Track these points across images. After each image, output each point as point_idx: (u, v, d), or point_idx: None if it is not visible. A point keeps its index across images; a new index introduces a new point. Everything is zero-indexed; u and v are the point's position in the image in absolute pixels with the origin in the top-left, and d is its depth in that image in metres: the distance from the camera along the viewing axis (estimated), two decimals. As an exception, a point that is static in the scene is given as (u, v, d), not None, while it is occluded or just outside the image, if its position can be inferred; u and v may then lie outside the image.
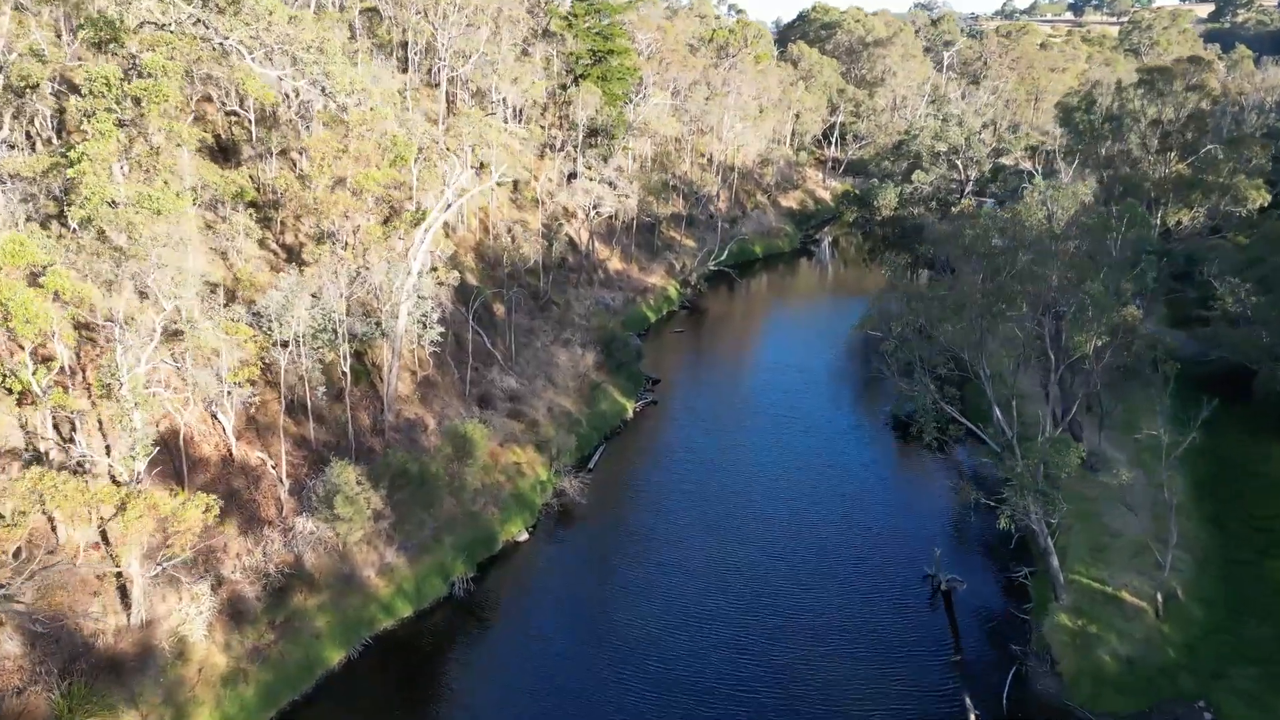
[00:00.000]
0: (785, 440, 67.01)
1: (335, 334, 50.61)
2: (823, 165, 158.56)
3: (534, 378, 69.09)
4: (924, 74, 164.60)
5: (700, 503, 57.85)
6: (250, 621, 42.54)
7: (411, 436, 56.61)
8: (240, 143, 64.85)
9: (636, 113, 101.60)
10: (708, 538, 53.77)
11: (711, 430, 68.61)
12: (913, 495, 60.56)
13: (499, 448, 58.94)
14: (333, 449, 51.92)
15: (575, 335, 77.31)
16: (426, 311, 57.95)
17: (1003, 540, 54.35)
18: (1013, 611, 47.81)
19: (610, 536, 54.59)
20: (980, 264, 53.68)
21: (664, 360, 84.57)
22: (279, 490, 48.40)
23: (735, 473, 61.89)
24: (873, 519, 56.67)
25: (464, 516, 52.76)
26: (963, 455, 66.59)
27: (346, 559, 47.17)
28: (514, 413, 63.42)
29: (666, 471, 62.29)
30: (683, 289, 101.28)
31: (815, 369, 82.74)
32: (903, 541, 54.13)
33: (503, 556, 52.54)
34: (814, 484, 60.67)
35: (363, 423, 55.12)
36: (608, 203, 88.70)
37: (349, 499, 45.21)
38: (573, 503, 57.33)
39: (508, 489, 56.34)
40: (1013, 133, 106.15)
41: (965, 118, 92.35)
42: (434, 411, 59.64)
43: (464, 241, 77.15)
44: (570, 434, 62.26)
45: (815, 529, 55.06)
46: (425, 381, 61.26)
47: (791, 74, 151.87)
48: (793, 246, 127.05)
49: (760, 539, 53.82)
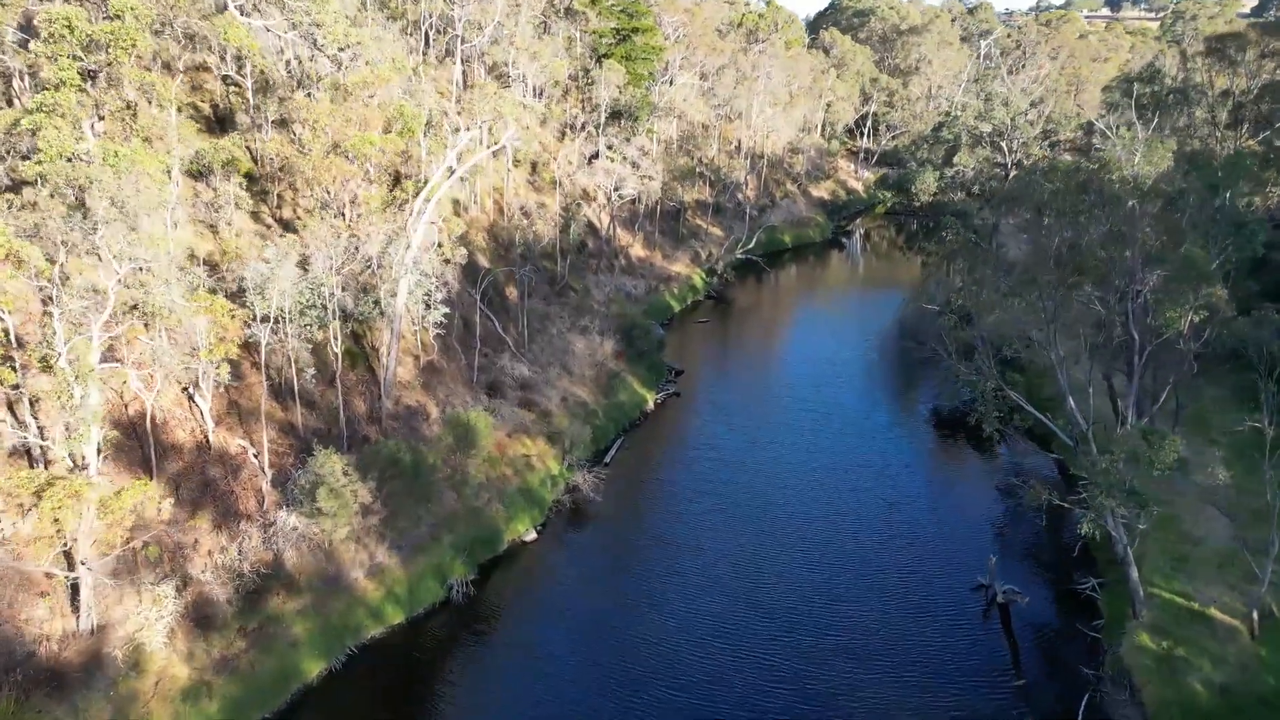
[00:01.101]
0: (817, 438, 61.17)
1: (325, 310, 45.55)
2: (854, 156, 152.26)
3: (548, 365, 63.80)
4: (960, 63, 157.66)
5: (725, 505, 52.17)
6: (219, 628, 37.51)
7: (412, 425, 51.48)
8: (237, 111, 60.09)
9: (662, 93, 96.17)
10: (733, 544, 48.09)
11: (737, 426, 62.92)
12: (960, 498, 54.46)
13: (507, 438, 53.69)
14: (323, 437, 46.87)
15: (594, 322, 71.95)
16: (430, 290, 52.85)
17: (1063, 547, 48.35)
18: (1080, 629, 41.74)
19: (626, 540, 49.12)
20: (1053, 227, 46.94)
21: (688, 351, 79.00)
22: (260, 481, 43.40)
23: (763, 472, 56.14)
24: (917, 524, 50.73)
25: (465, 513, 47.54)
26: (1005, 454, 60.43)
27: (332, 558, 42.09)
28: (525, 402, 58.16)
29: (688, 470, 56.67)
30: (709, 278, 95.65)
31: (848, 362, 76.80)
32: (951, 549, 48.21)
33: (508, 558, 47.24)
34: (850, 486, 54.77)
35: (358, 409, 50.05)
36: (630, 185, 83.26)
37: (333, 491, 40.11)
38: (586, 500, 51.96)
39: (515, 483, 51.06)
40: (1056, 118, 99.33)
41: (1011, 97, 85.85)
42: (437, 399, 54.48)
43: (476, 222, 72.01)
44: (585, 426, 56.91)
45: (853, 535, 49.19)
46: (429, 367, 56.12)
47: (823, 62, 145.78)
48: (824, 237, 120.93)
49: (791, 546, 48.04)
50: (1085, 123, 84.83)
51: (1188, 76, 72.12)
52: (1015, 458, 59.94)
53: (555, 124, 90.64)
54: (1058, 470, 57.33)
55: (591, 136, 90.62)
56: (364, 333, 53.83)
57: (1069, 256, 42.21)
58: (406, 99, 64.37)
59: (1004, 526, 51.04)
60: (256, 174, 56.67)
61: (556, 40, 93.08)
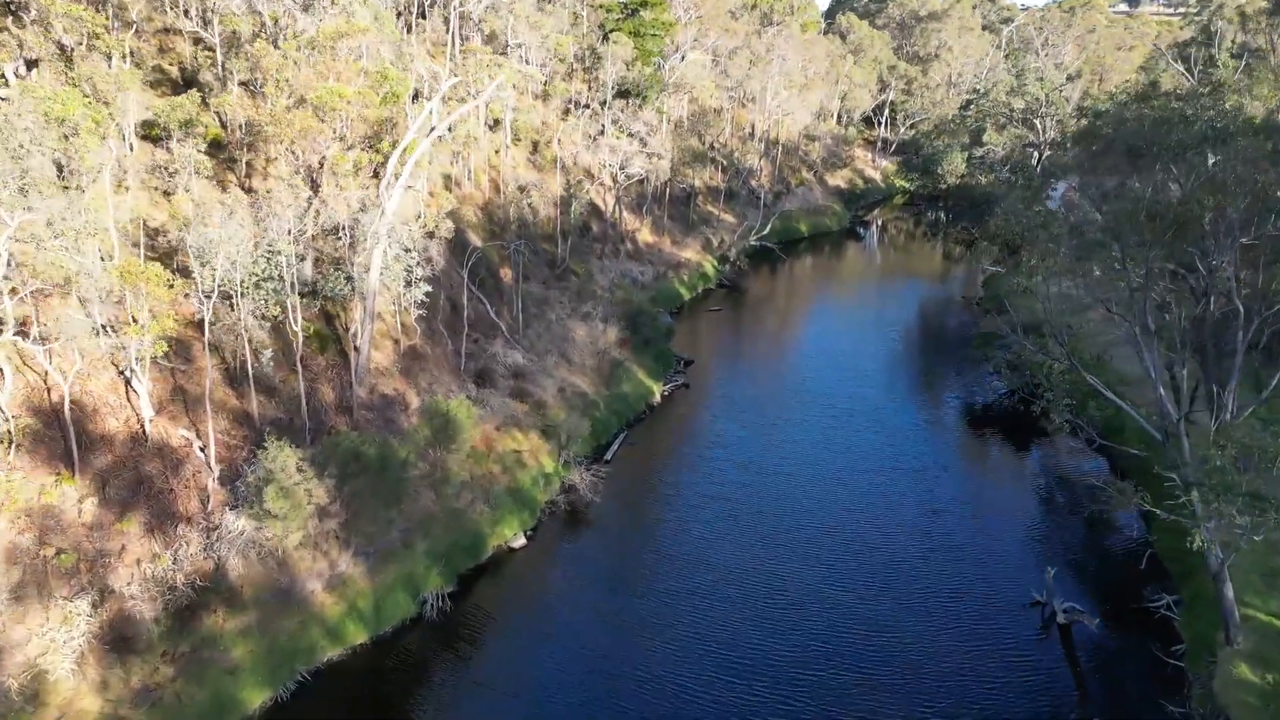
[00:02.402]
0: (840, 436, 54.49)
1: (285, 283, 39.41)
2: (871, 146, 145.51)
3: (545, 353, 57.53)
4: (982, 50, 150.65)
5: (737, 512, 45.61)
6: (141, 651, 31.37)
7: (387, 416, 45.31)
8: (204, 70, 54.07)
9: (673, 70, 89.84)
10: (747, 558, 41.52)
11: (751, 422, 56.32)
12: (1004, 502, 47.70)
13: (495, 431, 47.45)
14: (284, 428, 40.72)
15: (596, 308, 65.66)
16: (410, 266, 46.70)
17: (1127, 557, 41.76)
18: (1157, 654, 35.14)
19: (626, 549, 42.69)
20: (1147, 172, 39.84)
21: (698, 340, 72.63)
22: (206, 478, 37.25)
23: (780, 475, 49.48)
24: (958, 533, 44.06)
25: (444, 515, 41.33)
26: (1043, 452, 53.81)
27: (285, 568, 35.91)
28: (517, 392, 51.91)
29: (696, 470, 50.10)
30: (721, 265, 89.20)
31: (869, 354, 70.20)
32: (999, 561, 41.67)
33: (492, 567, 40.97)
34: (880, 490, 48.04)
35: (326, 397, 43.87)
36: (637, 164, 76.87)
37: (284, 491, 33.93)
38: (583, 502, 45.66)
39: (503, 482, 44.80)
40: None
41: (1046, 71, 79.02)
42: (419, 387, 48.27)
43: (470, 199, 65.84)
44: (584, 419, 50.58)
45: (886, 548, 42.47)
46: (410, 352, 49.93)
47: (840, 47, 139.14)
48: (841, 226, 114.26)
49: (815, 561, 41.39)
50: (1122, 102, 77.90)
51: (1246, 42, 65.21)
52: (1057, 455, 53.32)
53: (559, 101, 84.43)
54: (1110, 469, 50.69)
55: (597, 115, 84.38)
56: (337, 313, 47.69)
57: (1164, 209, 35.18)
58: (394, 63, 58.50)
59: (1056, 534, 44.46)
60: (225, 141, 50.71)
61: (561, 15, 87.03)
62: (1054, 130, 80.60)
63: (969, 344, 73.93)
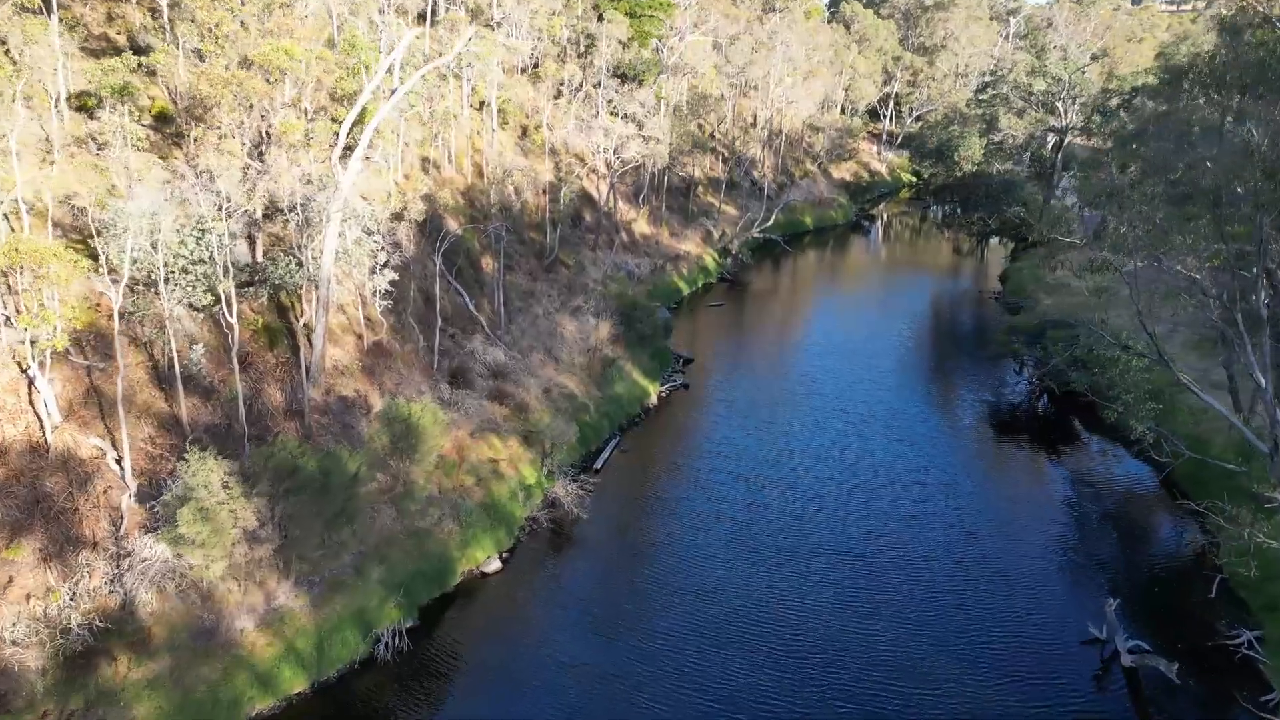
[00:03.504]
0: (855, 445, 48.33)
1: (221, 266, 33.44)
2: (877, 139, 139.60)
3: (530, 350, 51.62)
4: (989, 40, 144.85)
5: (744, 534, 39.37)
6: (19, 711, 25.41)
7: (345, 421, 39.38)
8: (152, 33, 48.15)
9: (671, 52, 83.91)
10: (755, 589, 35.40)
11: (756, 429, 50.23)
12: (1046, 521, 41.28)
13: (469, 438, 41.52)
14: (219, 436, 34.84)
15: (588, 302, 59.81)
16: (373, 249, 40.84)
17: (1192, 585, 35.87)
18: (1245, 704, 29.21)
19: (616, 576, 36.64)
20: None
21: (699, 337, 66.74)
22: (121, 495, 31.30)
23: (791, 490, 43.21)
24: (997, 559, 37.83)
25: (406, 536, 35.39)
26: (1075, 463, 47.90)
27: (210, 603, 29.97)
28: (497, 393, 45.97)
29: (696, 485, 43.78)
30: (722, 259, 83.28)
31: (882, 353, 64.23)
32: (1046, 591, 35.64)
33: (461, 596, 35.01)
34: (905, 509, 41.74)
35: (273, 400, 37.90)
36: (633, 148, 70.91)
37: (203, 512, 27.97)
38: (568, 518, 39.75)
39: (476, 496, 38.87)
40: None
41: (1069, 50, 73.10)
42: (383, 388, 42.33)
43: (451, 183, 59.92)
44: (571, 423, 44.64)
45: (915, 578, 36.16)
46: (376, 348, 43.99)
47: (844, 37, 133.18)
48: (847, 219, 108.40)
49: (833, 595, 35.16)
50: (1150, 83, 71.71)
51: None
52: (1097, 464, 47.40)
53: (550, 83, 78.46)
54: (1160, 482, 44.80)
55: (590, 97, 78.47)
56: (292, 304, 41.75)
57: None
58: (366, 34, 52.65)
59: (1109, 558, 38.41)
60: (173, 115, 44.78)
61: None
62: (1077, 114, 74.66)
63: (989, 340, 68.05)
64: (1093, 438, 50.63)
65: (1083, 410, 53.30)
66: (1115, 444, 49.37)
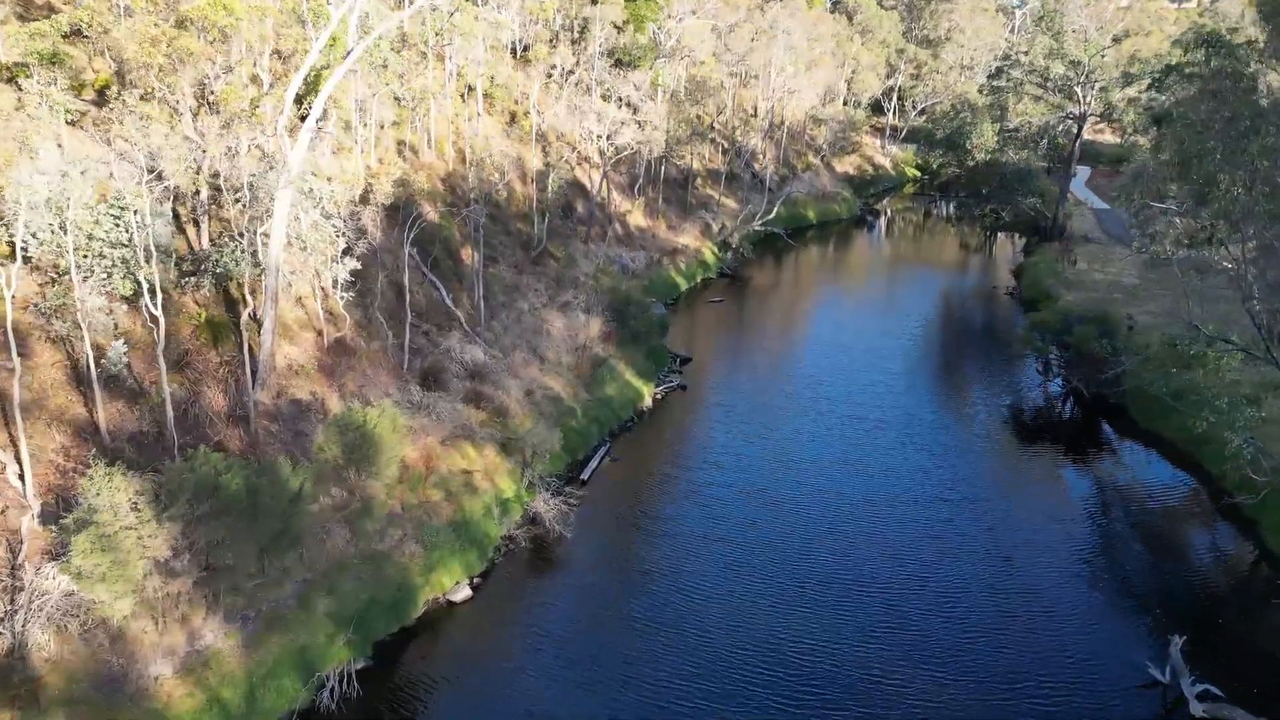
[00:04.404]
0: (869, 456, 43.15)
1: (142, 249, 28.65)
2: (880, 133, 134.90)
3: (512, 348, 46.83)
4: (995, 33, 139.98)
5: (747, 559, 34.19)
6: None
7: (298, 427, 34.60)
8: None
9: (669, 36, 79.11)
10: (761, 621, 30.41)
11: (759, 436, 45.29)
12: (1091, 543, 36.07)
13: (440, 446, 36.70)
14: (146, 446, 30.09)
15: (578, 297, 55.07)
16: (333, 235, 36.12)
17: (1265, 619, 30.99)
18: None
19: (601, 606, 31.69)
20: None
21: (697, 335, 61.98)
22: (22, 517, 26.50)
23: (798, 508, 38.01)
24: (1038, 588, 32.50)
25: (360, 561, 30.59)
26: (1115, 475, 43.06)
27: (119, 645, 25.15)
28: (473, 395, 41.17)
29: (694, 501, 38.63)
30: (722, 253, 78.50)
31: (894, 353, 59.44)
32: (1097, 626, 30.72)
33: (423, 629, 30.19)
34: (929, 530, 36.50)
35: (214, 404, 33.10)
36: (627, 134, 66.15)
37: (103, 540, 23.18)
38: (549, 536, 34.92)
39: (446, 513, 34.06)
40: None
41: (1090, 30, 68.31)
42: (345, 390, 37.54)
43: (431, 169, 55.14)
44: (554, 429, 39.80)
45: (946, 613, 30.95)
46: (338, 346, 39.21)
47: (847, 28, 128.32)
48: (851, 213, 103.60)
49: (851, 633, 29.94)
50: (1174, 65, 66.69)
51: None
52: (1141, 475, 42.54)
53: (542, 67, 73.69)
54: (1208, 493, 40.01)
55: (583, 83, 73.71)
56: (242, 296, 36.98)
57: None
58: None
59: (1165, 587, 33.38)
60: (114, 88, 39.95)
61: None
62: (1096, 100, 69.85)
63: (1007, 339, 63.44)
64: (1127, 444, 45.87)
65: (1115, 414, 48.67)
66: (1153, 451, 44.67)
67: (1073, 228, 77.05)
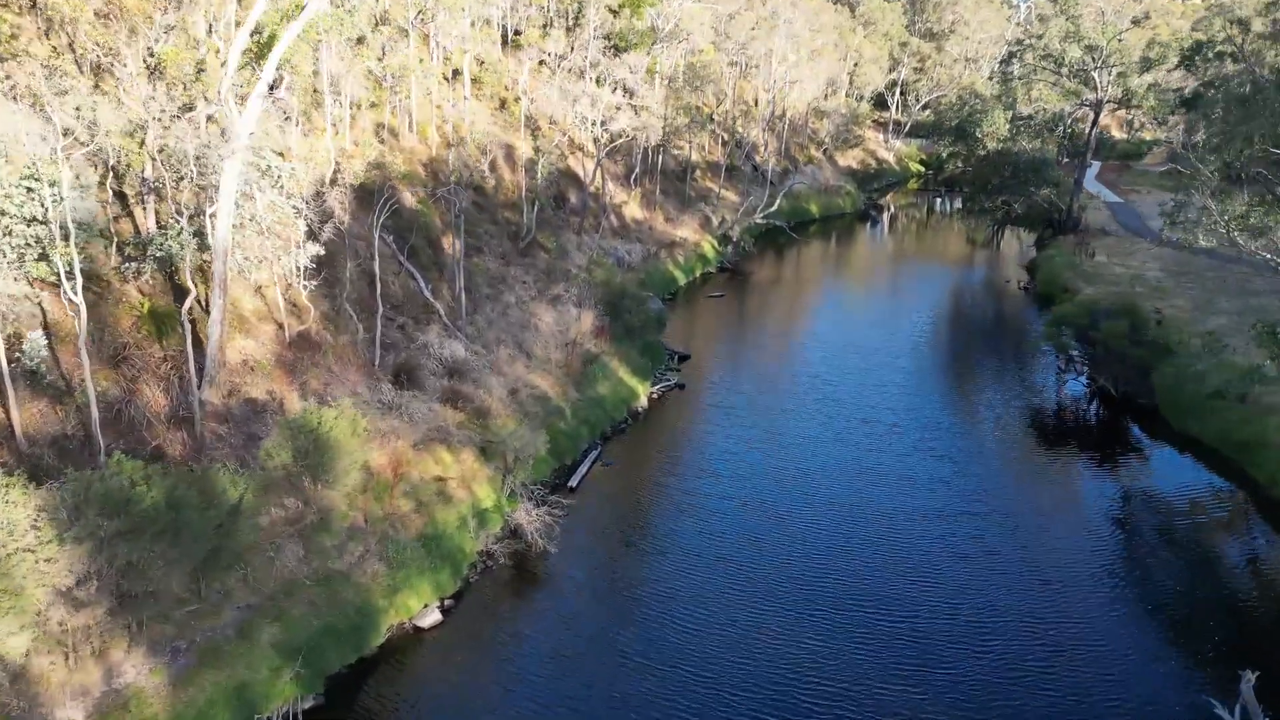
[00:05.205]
0: (885, 463, 39.00)
1: (59, 226, 24.82)
2: (883, 127, 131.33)
3: (496, 344, 43.05)
4: (999, 26, 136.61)
5: (751, 580, 30.16)
6: None
7: (250, 430, 30.75)
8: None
9: (667, 20, 75.35)
10: (766, 652, 26.59)
11: (762, 441, 41.29)
12: (1137, 562, 32.12)
13: (412, 451, 32.85)
14: (69, 453, 26.25)
15: (569, 290, 51.33)
16: (292, 215, 32.33)
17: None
18: None
19: (586, 633, 27.78)
20: None
21: (696, 332, 58.22)
22: (-86, 534, 22.61)
23: (807, 523, 33.88)
24: (1084, 616, 28.39)
25: (313, 583, 26.76)
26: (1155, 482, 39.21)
27: (22, 685, 21.32)
28: (451, 394, 37.37)
29: (691, 513, 34.61)
30: (723, 246, 74.79)
31: (905, 351, 55.76)
32: (1155, 658, 26.78)
33: (385, 659, 26.34)
34: (956, 548, 32.18)
35: (154, 404, 29.27)
36: (622, 120, 62.40)
37: (-9, 566, 19.35)
38: (531, 551, 31.10)
39: (415, 526, 30.25)
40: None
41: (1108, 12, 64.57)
42: (307, 388, 33.71)
43: (413, 154, 51.35)
44: (540, 431, 35.96)
45: (984, 647, 26.85)
46: (301, 340, 35.39)
47: (849, 20, 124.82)
48: (855, 207, 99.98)
49: (873, 669, 25.84)
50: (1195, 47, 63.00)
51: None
52: (1176, 484, 38.67)
53: (534, 51, 69.96)
54: (1256, 503, 36.23)
55: (576, 67, 69.93)
56: (196, 284, 33.15)
57: None
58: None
59: (1231, 615, 29.30)
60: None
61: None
62: (1114, 85, 66.11)
63: (1023, 335, 59.85)
64: (1162, 449, 42.05)
65: (1145, 415, 44.89)
66: (1188, 455, 40.91)
67: (1087, 220, 73.39)
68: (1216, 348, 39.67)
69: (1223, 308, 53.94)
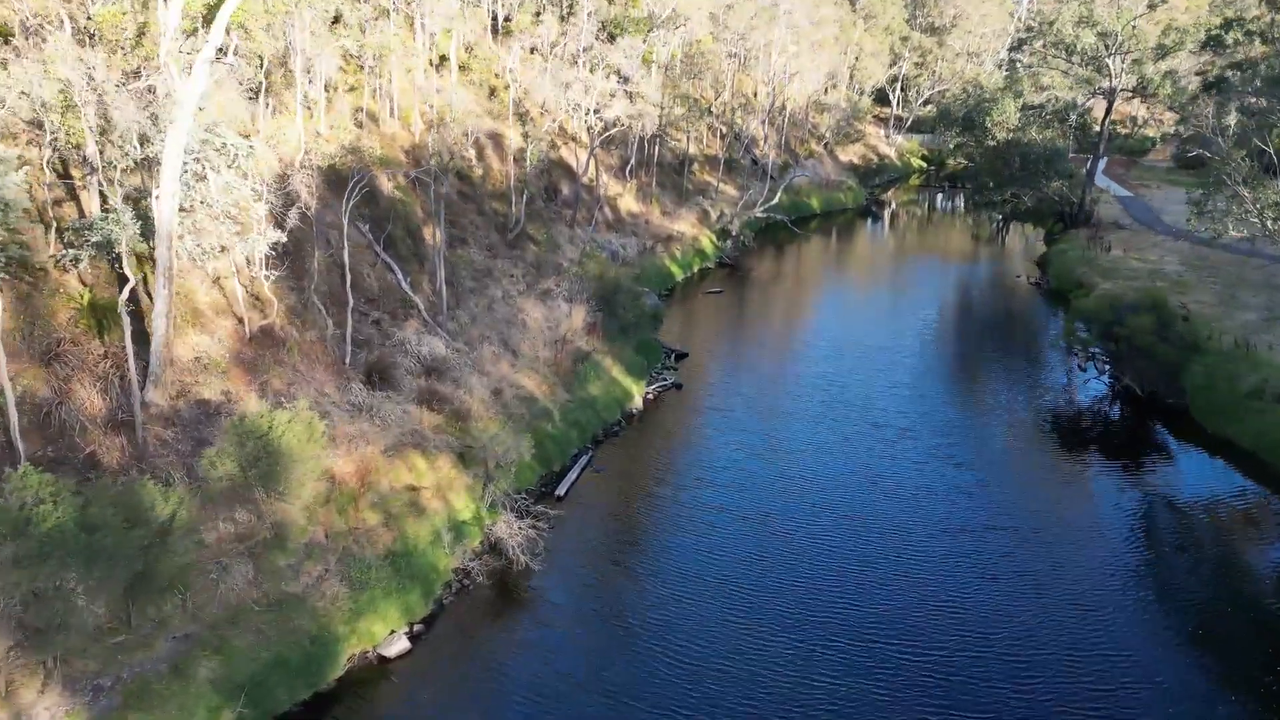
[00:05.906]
0: (897, 472, 35.71)
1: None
2: (884, 123, 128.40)
3: (480, 341, 39.90)
4: (1001, 20, 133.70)
5: (755, 605, 26.99)
6: None
7: (200, 434, 27.55)
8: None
9: (664, 3, 72.20)
10: (774, 695, 23.40)
11: (764, 447, 38.04)
12: (1201, 590, 28.84)
13: (382, 457, 29.70)
14: (-12, 460, 23.04)
15: (560, 285, 48.20)
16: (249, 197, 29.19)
17: None
18: None
19: (569, 669, 24.63)
20: None
21: (694, 329, 55.09)
22: None
23: (815, 539, 30.60)
24: (1135, 650, 24.98)
25: (262, 608, 23.58)
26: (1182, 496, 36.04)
27: (-94, 735, 18.14)
28: (428, 395, 34.20)
29: (687, 528, 31.35)
30: (722, 241, 71.71)
31: (914, 350, 52.71)
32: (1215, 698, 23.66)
33: (344, 693, 23.16)
34: (981, 568, 28.79)
35: (89, 407, 26.07)
36: (617, 107, 59.27)
37: None
38: (513, 568, 27.93)
39: (383, 541, 27.08)
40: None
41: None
42: (269, 389, 30.52)
43: (394, 140, 48.18)
44: (524, 435, 32.80)
45: (1024, 686, 23.44)
46: (264, 335, 32.21)
47: (850, 14, 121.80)
48: (856, 202, 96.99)
49: (900, 712, 22.61)
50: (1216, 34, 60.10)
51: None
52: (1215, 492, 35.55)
53: (526, 39, 66.76)
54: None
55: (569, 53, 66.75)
56: (146, 275, 30.03)
57: None
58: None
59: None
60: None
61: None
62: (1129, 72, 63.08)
63: (1036, 332, 56.87)
64: (1195, 453, 38.97)
65: (1173, 416, 41.85)
66: (1219, 459, 37.89)
67: (1100, 214, 70.43)
68: (1245, 351, 36.60)
69: (1249, 302, 50.98)
